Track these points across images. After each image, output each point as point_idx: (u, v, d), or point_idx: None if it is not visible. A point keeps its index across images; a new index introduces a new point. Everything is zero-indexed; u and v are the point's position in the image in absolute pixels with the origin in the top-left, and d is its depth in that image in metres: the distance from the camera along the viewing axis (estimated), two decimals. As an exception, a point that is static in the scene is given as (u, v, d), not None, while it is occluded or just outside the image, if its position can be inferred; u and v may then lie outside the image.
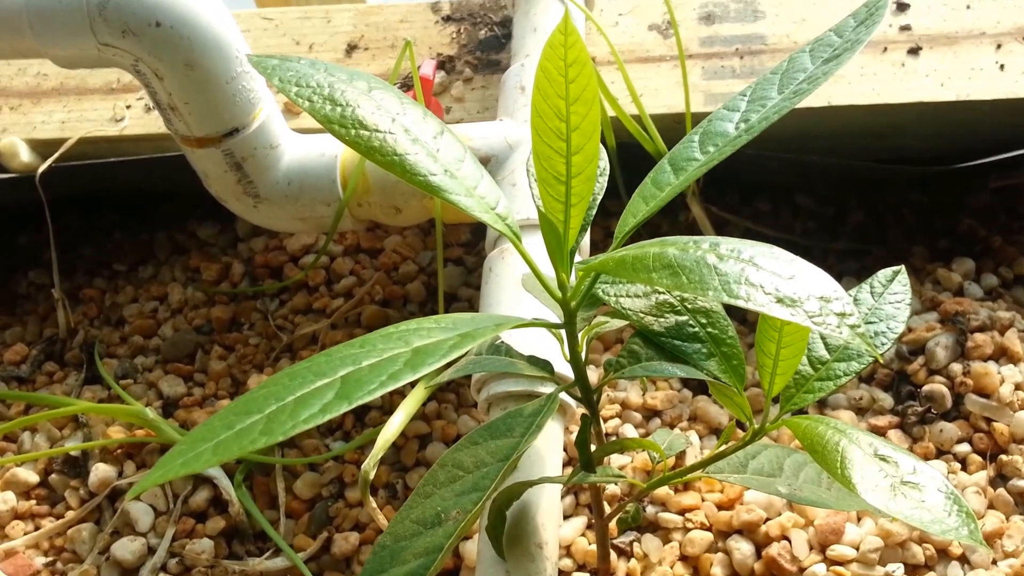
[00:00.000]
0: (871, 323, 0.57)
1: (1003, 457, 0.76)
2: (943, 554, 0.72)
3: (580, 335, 0.53)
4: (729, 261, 0.39)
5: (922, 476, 0.46)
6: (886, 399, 0.82)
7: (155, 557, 0.81)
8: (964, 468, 0.77)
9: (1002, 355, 0.82)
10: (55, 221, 0.97)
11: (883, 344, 0.56)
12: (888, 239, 0.95)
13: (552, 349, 0.58)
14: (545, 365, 0.57)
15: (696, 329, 0.55)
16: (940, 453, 0.79)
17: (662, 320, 0.55)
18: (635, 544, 0.75)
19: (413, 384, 0.89)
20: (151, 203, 1.09)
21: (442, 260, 0.86)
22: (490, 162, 0.80)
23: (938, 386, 0.80)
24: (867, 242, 0.95)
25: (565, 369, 0.61)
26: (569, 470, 0.79)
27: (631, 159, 0.87)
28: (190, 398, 0.93)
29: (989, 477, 0.76)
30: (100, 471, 0.87)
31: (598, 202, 0.54)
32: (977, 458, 0.77)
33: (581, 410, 0.80)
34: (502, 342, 0.59)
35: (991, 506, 0.75)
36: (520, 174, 0.78)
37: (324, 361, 0.40)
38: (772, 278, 0.38)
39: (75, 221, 1.11)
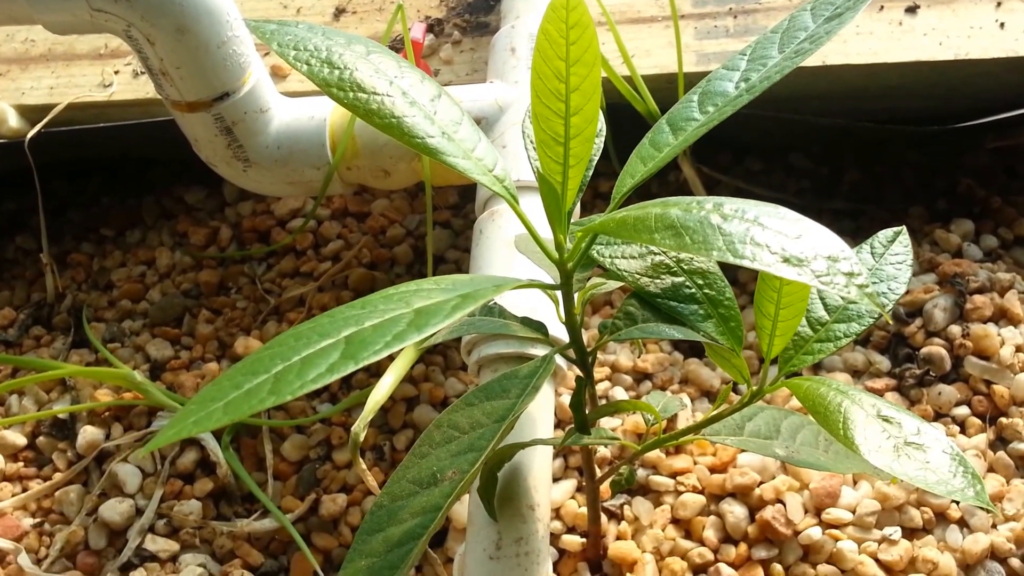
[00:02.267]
0: (872, 284, 0.56)
1: (1003, 420, 0.76)
2: (941, 517, 0.72)
3: (576, 297, 0.52)
4: (733, 221, 0.38)
5: (926, 437, 0.46)
6: (883, 362, 0.81)
7: (143, 518, 0.81)
8: (963, 431, 0.77)
9: (1002, 317, 0.81)
10: (43, 186, 0.95)
11: (884, 305, 0.55)
12: (885, 199, 0.95)
13: (545, 310, 0.58)
14: (539, 327, 0.56)
15: (693, 290, 0.54)
16: (938, 416, 0.78)
17: (658, 282, 0.54)
18: (626, 507, 0.75)
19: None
20: (139, 168, 1.08)
21: (431, 223, 0.85)
22: (480, 124, 0.79)
23: (936, 348, 0.80)
24: (863, 202, 0.94)
25: (559, 331, 0.60)
26: (560, 433, 0.79)
27: (620, 121, 0.86)
28: (177, 361, 0.92)
29: (988, 440, 0.76)
30: (88, 434, 0.86)
31: (594, 163, 0.52)
32: (976, 421, 0.77)
33: (572, 372, 0.80)
34: (495, 304, 0.58)
35: (991, 469, 0.75)
36: (511, 136, 0.77)
37: (327, 322, 0.39)
38: (778, 237, 0.37)
39: (63, 186, 1.09)
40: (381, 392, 0.70)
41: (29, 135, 0.92)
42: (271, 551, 0.80)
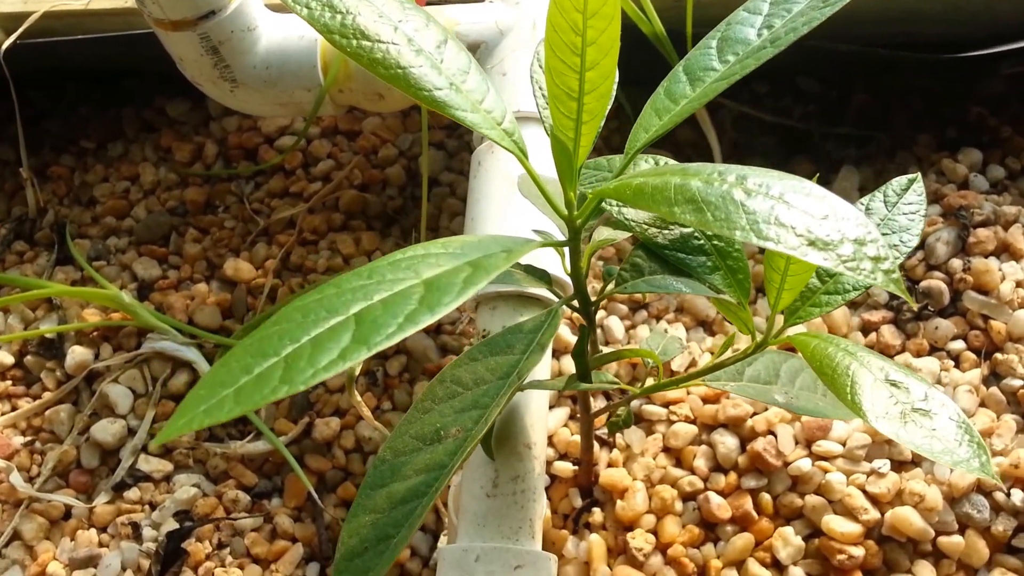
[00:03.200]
0: (883, 235, 0.55)
1: (998, 356, 0.76)
2: (928, 451, 0.73)
3: (583, 250, 0.50)
4: (758, 197, 0.37)
5: (933, 403, 0.46)
6: (881, 294, 0.81)
7: (135, 439, 0.81)
8: (957, 365, 0.77)
9: (1004, 251, 0.81)
10: (18, 95, 0.92)
11: (895, 259, 0.54)
12: (893, 125, 0.92)
13: (548, 256, 0.56)
14: (543, 275, 0.55)
15: (701, 242, 0.53)
16: (933, 350, 0.79)
17: (666, 232, 0.53)
18: (618, 435, 0.76)
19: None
20: (117, 78, 1.03)
21: (427, 146, 0.83)
22: (479, 49, 0.75)
23: (936, 282, 0.79)
24: (871, 128, 0.92)
25: (561, 273, 0.59)
26: (556, 364, 0.79)
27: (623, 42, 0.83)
28: (165, 281, 0.90)
29: (982, 375, 0.76)
30: (76, 354, 0.85)
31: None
32: (971, 356, 0.77)
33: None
34: (497, 250, 0.56)
35: (983, 404, 0.75)
36: (511, 63, 0.74)
37: (334, 294, 0.38)
38: (804, 218, 0.36)
39: (40, 98, 1.05)
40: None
41: (5, 45, 0.88)
42: (265, 472, 0.81)
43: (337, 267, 0.88)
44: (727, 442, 0.74)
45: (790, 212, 0.36)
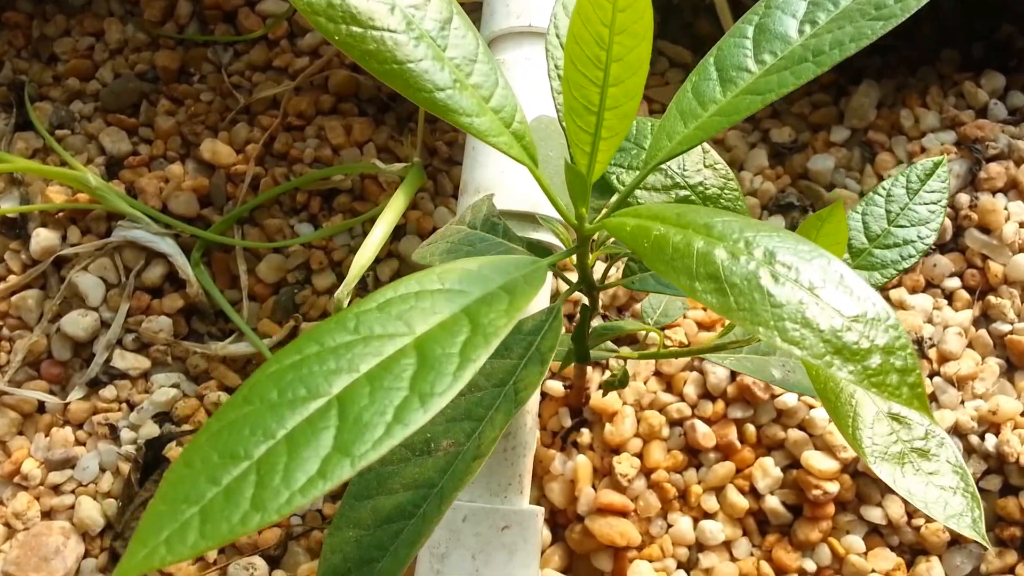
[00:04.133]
0: (900, 227, 0.52)
1: (991, 298, 0.75)
2: (911, 394, 0.74)
3: (591, 252, 0.47)
4: (786, 285, 0.34)
5: (933, 442, 0.45)
6: (882, 224, 0.79)
7: (109, 333, 0.79)
8: (950, 303, 0.76)
9: (1012, 188, 0.77)
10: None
11: (910, 257, 0.51)
12: (918, 37, 0.86)
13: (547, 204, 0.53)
14: (545, 254, 0.52)
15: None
16: (928, 286, 0.77)
17: (679, 221, 0.50)
18: (612, 360, 0.75)
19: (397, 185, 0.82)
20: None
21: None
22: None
23: (940, 217, 0.77)
24: (894, 37, 0.86)
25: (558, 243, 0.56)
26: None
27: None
28: (136, 157, 0.85)
29: (973, 317, 0.75)
30: (42, 238, 0.81)
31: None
32: (965, 295, 0.76)
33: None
34: (499, 219, 0.53)
35: (970, 345, 0.75)
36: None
37: (315, 356, 0.35)
38: (833, 317, 0.33)
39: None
40: (368, 253, 0.67)
41: None
42: (248, 373, 0.80)
43: (325, 159, 0.83)
44: (718, 372, 0.74)
45: (819, 308, 0.33)
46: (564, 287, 0.74)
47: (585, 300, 0.51)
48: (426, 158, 0.84)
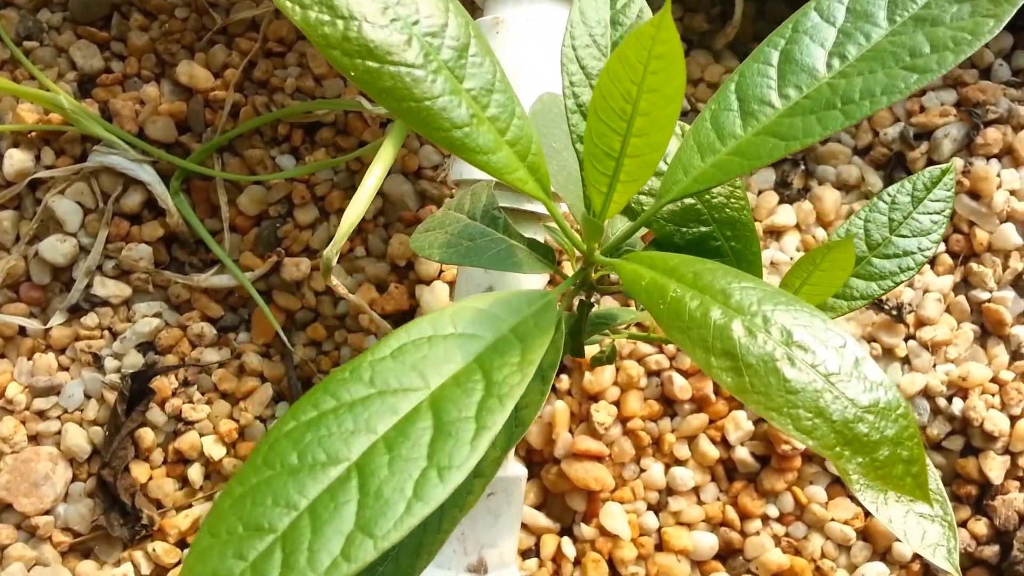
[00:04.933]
0: (902, 236, 0.52)
1: (973, 265, 0.76)
2: (889, 353, 0.75)
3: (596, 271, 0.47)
4: (803, 370, 0.34)
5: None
6: (876, 182, 0.78)
7: (89, 259, 0.78)
8: (932, 267, 0.77)
9: (1007, 154, 0.77)
10: None
11: (908, 269, 0.52)
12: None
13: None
14: (547, 253, 0.52)
15: (719, 243, 0.50)
16: (911, 249, 0.78)
17: (685, 230, 0.49)
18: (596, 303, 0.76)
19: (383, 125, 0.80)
20: None
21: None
22: None
23: (931, 181, 0.77)
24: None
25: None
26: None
27: None
28: (109, 76, 0.81)
29: (954, 283, 0.77)
30: (16, 159, 0.78)
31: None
32: (948, 260, 0.77)
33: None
34: (500, 213, 0.52)
35: (947, 311, 0.76)
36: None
37: (332, 413, 0.35)
38: (847, 408, 0.33)
39: None
40: (356, 210, 0.65)
41: None
42: (231, 304, 0.80)
43: (307, 89, 0.80)
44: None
45: (834, 397, 0.34)
46: (562, 279, 0.74)
47: (581, 296, 0.52)
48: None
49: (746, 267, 0.50)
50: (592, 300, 0.52)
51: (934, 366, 0.75)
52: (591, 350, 0.66)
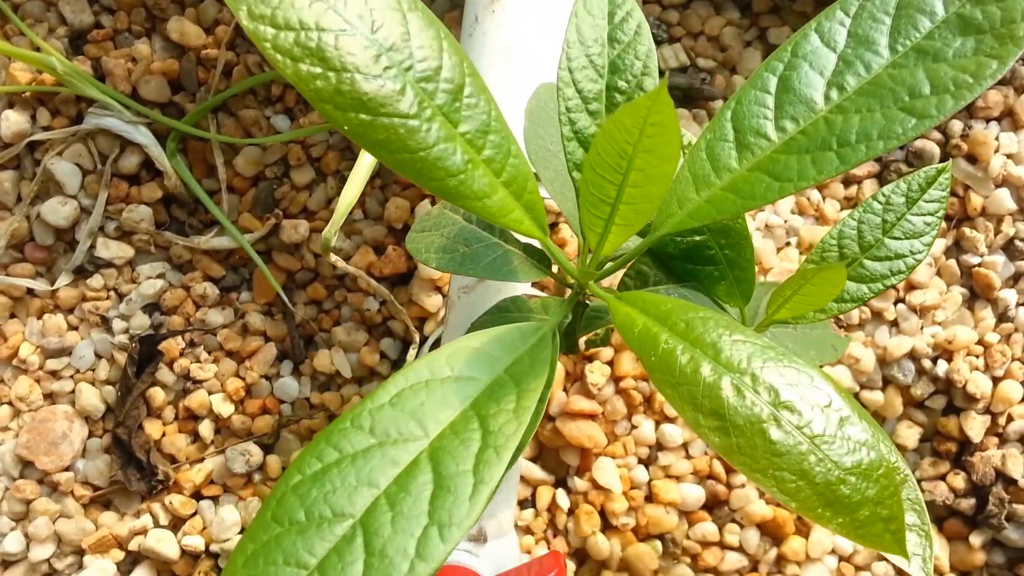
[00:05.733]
0: (895, 239, 0.53)
1: (965, 229, 0.76)
2: (878, 316, 0.77)
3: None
4: (790, 432, 0.35)
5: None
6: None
7: (91, 220, 0.78)
8: (923, 229, 0.78)
9: (1007, 117, 0.77)
10: None
11: (899, 272, 0.53)
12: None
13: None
14: (542, 259, 0.53)
15: (713, 251, 0.50)
16: (906, 211, 0.78)
17: (679, 240, 0.50)
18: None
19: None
20: None
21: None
22: None
23: (930, 143, 0.76)
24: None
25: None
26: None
27: None
28: (100, 31, 0.80)
29: (945, 246, 0.77)
30: (12, 121, 0.78)
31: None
32: (942, 225, 0.77)
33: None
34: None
35: (938, 274, 0.77)
36: None
37: (334, 467, 0.37)
38: (831, 470, 0.35)
39: None
40: (352, 191, 0.66)
41: None
42: (232, 264, 0.81)
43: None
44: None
45: (817, 460, 0.35)
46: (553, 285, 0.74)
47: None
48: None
49: (738, 273, 0.51)
50: (587, 301, 0.53)
51: (921, 329, 0.76)
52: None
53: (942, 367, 0.75)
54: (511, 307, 0.56)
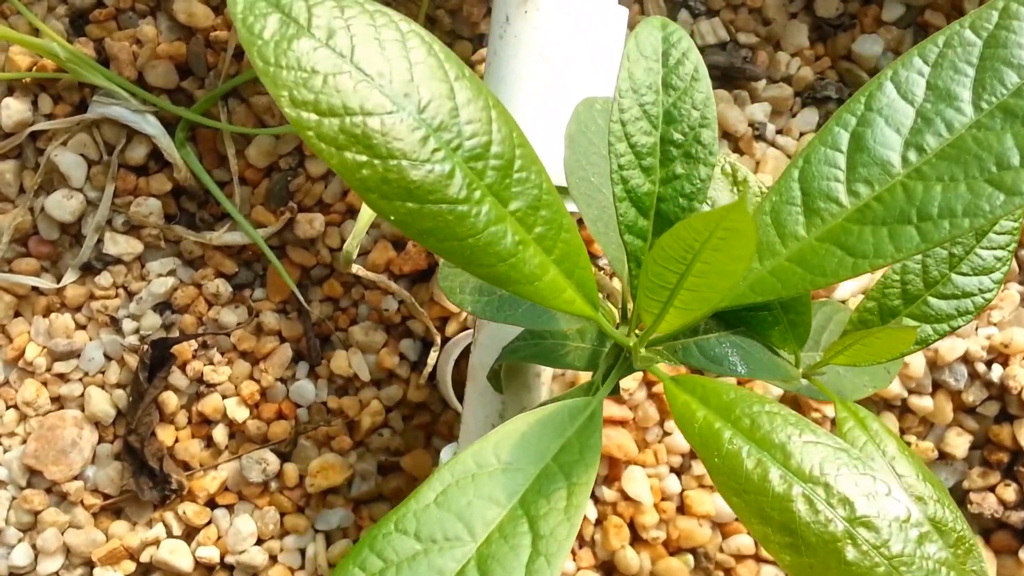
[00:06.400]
0: (962, 274, 0.49)
1: None
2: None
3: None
4: (866, 552, 0.32)
5: (947, 516, 0.46)
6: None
7: (98, 215, 0.75)
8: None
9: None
10: None
11: (967, 313, 0.49)
12: None
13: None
14: (589, 341, 0.49)
15: (774, 311, 0.47)
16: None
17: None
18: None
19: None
20: None
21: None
22: None
23: None
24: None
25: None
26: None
27: None
28: (103, 11, 0.75)
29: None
30: (13, 109, 0.74)
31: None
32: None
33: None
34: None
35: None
36: None
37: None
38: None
39: None
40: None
41: None
42: (245, 259, 0.77)
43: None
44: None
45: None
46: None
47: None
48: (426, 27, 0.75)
49: (793, 317, 0.48)
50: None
51: (976, 330, 0.73)
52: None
53: (997, 372, 0.72)
54: (546, 333, 0.53)
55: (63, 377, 0.75)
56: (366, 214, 0.61)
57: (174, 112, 0.73)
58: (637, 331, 0.42)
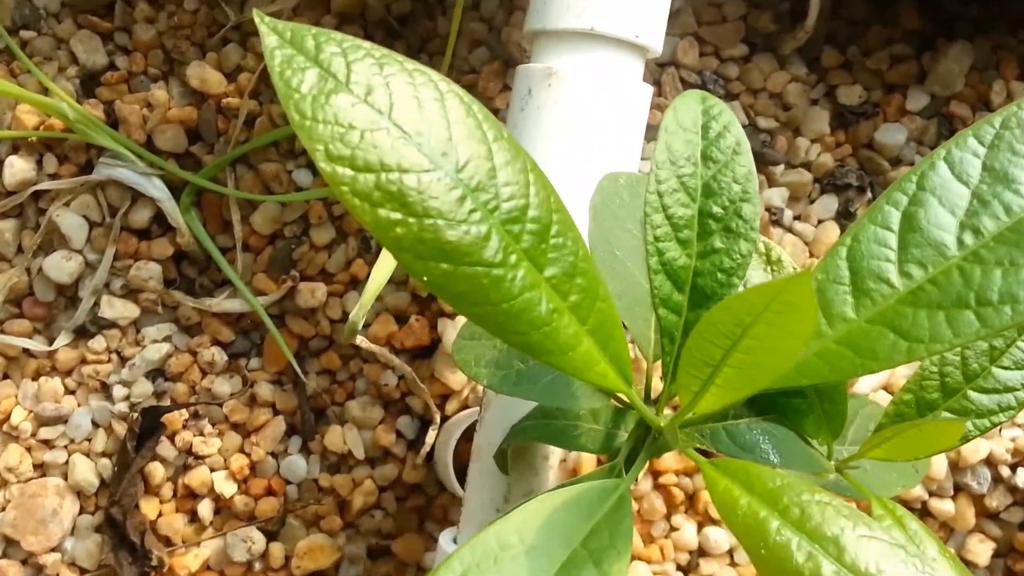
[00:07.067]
0: (1004, 368, 0.47)
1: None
2: (937, 418, 0.72)
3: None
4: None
5: None
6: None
7: (96, 278, 0.72)
8: None
9: None
10: None
11: (1009, 408, 0.47)
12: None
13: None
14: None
15: (809, 399, 0.45)
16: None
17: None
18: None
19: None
20: None
21: None
22: None
23: None
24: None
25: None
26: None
27: None
28: (114, 73, 0.74)
29: None
30: (17, 168, 0.72)
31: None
32: None
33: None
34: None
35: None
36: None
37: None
38: None
39: None
40: (385, 269, 0.60)
41: None
42: (242, 327, 0.75)
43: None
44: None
45: None
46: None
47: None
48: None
49: (828, 407, 0.45)
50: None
51: (1000, 431, 0.71)
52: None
53: (1021, 476, 0.70)
54: (557, 413, 0.51)
55: (48, 443, 0.72)
56: (374, 284, 0.59)
57: (181, 176, 0.72)
58: (668, 411, 0.40)
